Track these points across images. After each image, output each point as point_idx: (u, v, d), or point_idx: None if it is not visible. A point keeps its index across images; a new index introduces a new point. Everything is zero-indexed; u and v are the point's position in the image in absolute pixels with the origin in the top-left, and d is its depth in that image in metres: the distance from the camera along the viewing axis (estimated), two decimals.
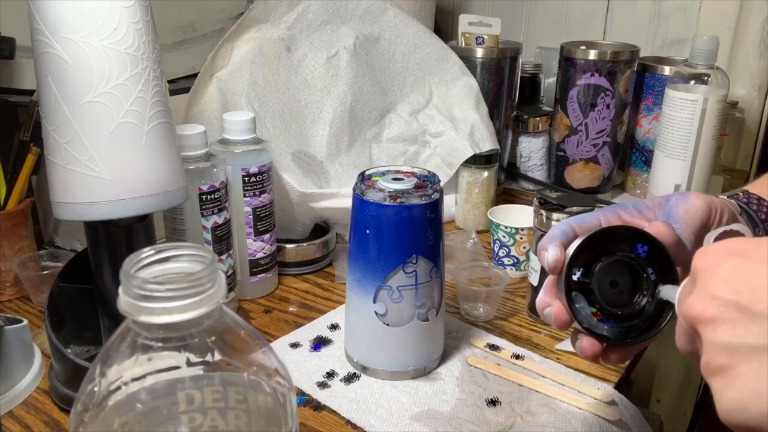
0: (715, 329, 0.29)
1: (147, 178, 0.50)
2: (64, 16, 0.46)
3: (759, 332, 0.27)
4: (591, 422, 0.55)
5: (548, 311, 0.44)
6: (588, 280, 0.42)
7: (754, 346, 0.27)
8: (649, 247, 0.42)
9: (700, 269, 0.31)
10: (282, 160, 0.83)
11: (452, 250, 0.86)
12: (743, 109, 1.23)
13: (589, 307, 0.42)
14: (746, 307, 0.28)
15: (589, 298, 0.42)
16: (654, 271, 0.42)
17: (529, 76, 1.16)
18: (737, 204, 0.48)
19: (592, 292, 0.42)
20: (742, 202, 0.48)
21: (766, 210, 0.48)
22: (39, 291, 0.71)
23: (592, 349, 0.42)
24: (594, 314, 0.42)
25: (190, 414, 0.31)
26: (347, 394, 0.58)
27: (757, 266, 0.29)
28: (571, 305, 0.42)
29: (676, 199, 0.45)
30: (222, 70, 0.84)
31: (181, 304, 0.29)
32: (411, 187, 0.56)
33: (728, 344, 0.28)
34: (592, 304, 0.42)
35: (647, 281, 0.42)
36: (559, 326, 0.43)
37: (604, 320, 0.42)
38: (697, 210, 0.44)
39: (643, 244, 0.42)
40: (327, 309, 0.73)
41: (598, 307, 0.42)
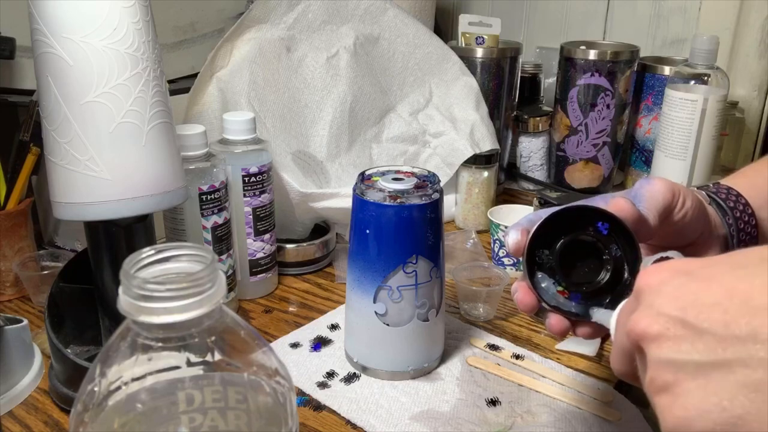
0: (660, 346, 0.29)
1: (147, 178, 0.50)
2: (64, 16, 0.46)
3: (704, 349, 0.27)
4: (591, 422, 0.55)
5: (516, 296, 0.45)
6: (551, 259, 0.44)
7: (699, 363, 0.27)
8: (611, 224, 0.43)
9: (645, 288, 0.31)
10: (282, 160, 0.83)
11: (452, 250, 0.86)
12: (743, 109, 1.23)
13: (555, 286, 0.44)
14: (692, 324, 0.28)
15: (554, 278, 0.44)
16: (618, 247, 0.43)
17: (529, 76, 1.16)
18: (706, 194, 0.49)
19: (556, 272, 0.44)
20: (711, 191, 0.50)
21: (734, 198, 0.49)
22: (39, 291, 0.71)
23: (559, 326, 0.43)
24: (560, 292, 0.44)
25: (190, 414, 0.31)
26: (347, 394, 0.58)
27: (703, 285, 0.28)
28: (536, 286, 0.44)
29: (640, 183, 0.47)
30: (222, 70, 0.84)
31: (181, 304, 0.29)
32: (411, 187, 0.56)
33: (673, 361, 0.28)
34: (558, 283, 0.44)
35: (610, 257, 0.44)
36: (523, 308, 0.45)
37: (571, 297, 0.44)
38: (659, 190, 0.45)
39: (605, 222, 0.43)
40: (327, 309, 0.73)
41: (564, 285, 0.44)
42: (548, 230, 0.44)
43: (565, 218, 0.44)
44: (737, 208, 0.49)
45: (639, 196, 0.46)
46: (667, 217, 0.46)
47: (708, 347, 0.27)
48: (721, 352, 0.27)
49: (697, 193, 0.49)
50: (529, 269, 0.44)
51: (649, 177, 0.47)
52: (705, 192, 0.50)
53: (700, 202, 0.47)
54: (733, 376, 0.26)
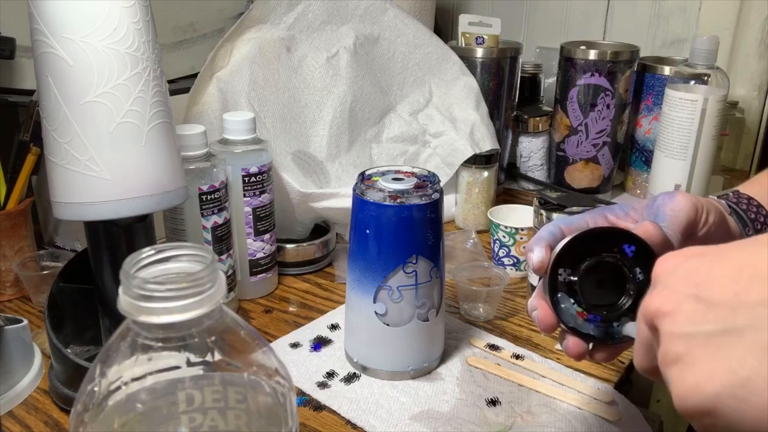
0: (674, 320, 0.29)
1: (147, 178, 0.50)
2: (64, 16, 0.46)
3: (715, 319, 0.28)
4: (591, 422, 0.55)
5: (534, 314, 0.44)
6: (574, 280, 0.43)
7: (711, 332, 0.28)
8: (636, 247, 0.42)
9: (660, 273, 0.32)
10: (282, 160, 0.83)
11: (452, 250, 0.86)
12: (743, 109, 1.23)
13: (575, 306, 0.43)
14: (704, 298, 0.28)
15: (575, 299, 0.43)
16: (642, 270, 0.42)
17: (529, 76, 1.16)
18: (727, 204, 0.48)
19: (578, 293, 0.43)
20: (732, 202, 0.49)
21: (755, 209, 0.48)
22: (39, 291, 0.71)
23: (577, 349, 0.43)
24: (579, 314, 0.43)
25: (190, 414, 0.31)
26: (347, 394, 0.58)
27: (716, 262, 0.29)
28: (556, 306, 0.43)
29: (662, 198, 0.45)
30: (222, 70, 0.84)
31: (181, 304, 0.29)
32: (411, 187, 0.56)
33: (685, 333, 0.29)
34: (579, 304, 0.43)
35: (633, 281, 0.42)
36: (544, 328, 0.44)
37: (590, 320, 0.43)
38: (683, 209, 0.44)
39: (630, 245, 0.42)
40: (327, 309, 0.73)
41: (584, 306, 0.43)
42: (573, 249, 0.43)
43: (591, 238, 0.43)
44: (758, 220, 0.48)
45: (661, 214, 0.44)
46: (690, 236, 0.44)
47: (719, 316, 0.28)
48: (732, 320, 0.27)
49: (717, 204, 0.48)
50: (551, 288, 0.43)
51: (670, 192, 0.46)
52: (726, 202, 0.48)
53: (721, 214, 0.46)
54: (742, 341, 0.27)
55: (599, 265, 0.43)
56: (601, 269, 0.43)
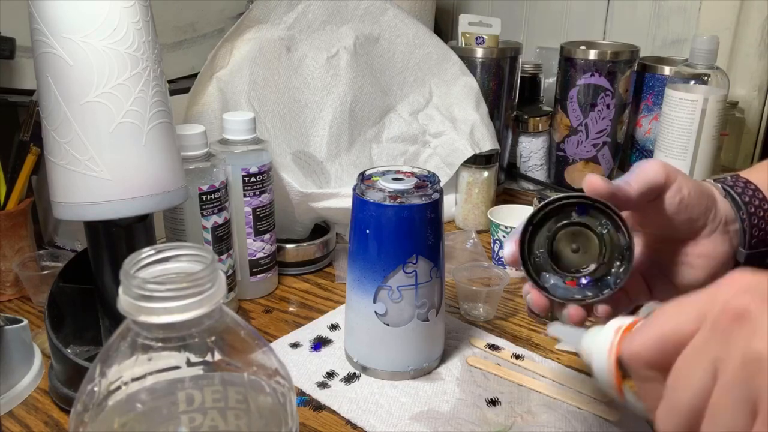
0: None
1: (147, 178, 0.50)
2: (64, 16, 0.46)
3: None
4: (591, 422, 0.55)
5: (528, 298, 0.46)
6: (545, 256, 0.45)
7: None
8: (586, 205, 0.45)
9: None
10: (282, 160, 0.83)
11: (452, 250, 0.86)
12: (743, 109, 1.23)
13: (560, 280, 0.45)
14: None
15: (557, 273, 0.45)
16: (604, 222, 0.45)
17: (529, 76, 1.16)
18: (722, 187, 0.49)
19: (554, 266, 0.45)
20: (728, 185, 0.49)
21: (751, 193, 0.49)
22: (39, 291, 0.71)
23: (577, 314, 0.45)
24: (569, 283, 0.45)
25: (190, 414, 0.31)
26: (347, 394, 0.58)
27: None
28: (544, 287, 0.45)
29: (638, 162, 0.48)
30: (222, 70, 0.84)
31: (181, 304, 0.29)
32: (411, 187, 0.56)
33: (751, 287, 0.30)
34: (562, 276, 0.45)
35: (600, 234, 0.45)
36: (539, 310, 0.46)
37: (582, 285, 0.45)
38: (651, 167, 0.46)
39: (580, 206, 0.45)
40: (327, 309, 0.73)
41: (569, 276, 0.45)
42: (535, 231, 0.45)
43: (546, 215, 0.45)
44: (753, 203, 0.48)
45: (630, 172, 0.47)
46: (657, 198, 0.46)
47: None
48: None
49: (711, 185, 0.49)
50: (533, 273, 0.45)
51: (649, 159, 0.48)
52: (721, 185, 0.49)
53: (702, 193, 0.47)
54: None
55: (564, 235, 0.45)
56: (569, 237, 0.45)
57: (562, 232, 0.45)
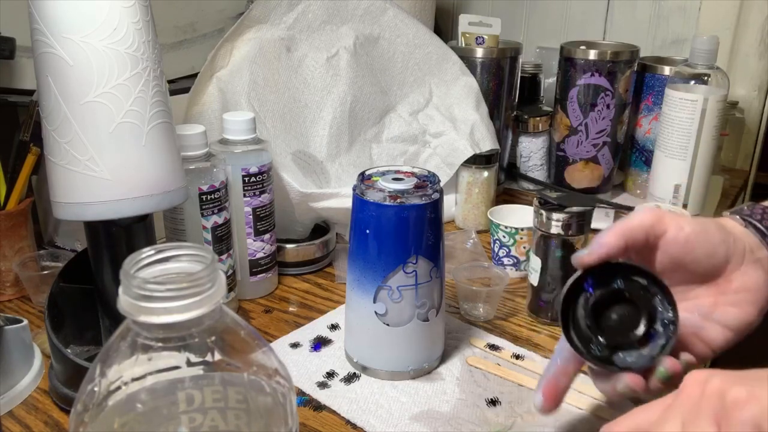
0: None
1: (147, 178, 0.50)
2: (64, 16, 0.46)
3: None
4: (591, 422, 0.55)
5: (622, 389, 0.44)
6: (602, 346, 0.44)
7: None
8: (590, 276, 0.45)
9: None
10: (282, 160, 0.83)
11: (452, 250, 0.86)
12: (743, 109, 1.23)
13: (633, 348, 0.44)
14: None
15: (631, 347, 0.44)
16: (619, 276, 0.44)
17: (529, 76, 1.16)
18: (741, 218, 0.48)
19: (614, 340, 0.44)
20: (746, 214, 0.48)
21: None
22: (39, 291, 0.71)
23: (639, 383, 0.43)
24: (641, 346, 0.44)
25: (190, 414, 0.31)
26: (347, 394, 0.58)
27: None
28: (630, 367, 0.44)
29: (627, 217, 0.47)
30: (222, 70, 0.84)
31: (181, 304, 0.29)
32: (411, 187, 0.56)
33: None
34: (614, 349, 0.44)
35: (640, 300, 0.44)
36: (642, 389, 0.44)
37: (652, 337, 0.44)
38: (637, 216, 0.46)
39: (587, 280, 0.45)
40: (327, 309, 0.73)
41: (635, 343, 0.44)
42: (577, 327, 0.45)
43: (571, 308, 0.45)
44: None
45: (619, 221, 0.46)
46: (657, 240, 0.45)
47: None
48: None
49: (729, 218, 0.48)
50: (615, 364, 0.44)
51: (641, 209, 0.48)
52: (739, 216, 0.48)
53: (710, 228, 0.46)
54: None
55: (596, 313, 0.45)
56: (601, 313, 0.45)
57: (592, 314, 0.44)
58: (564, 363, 0.47)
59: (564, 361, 0.47)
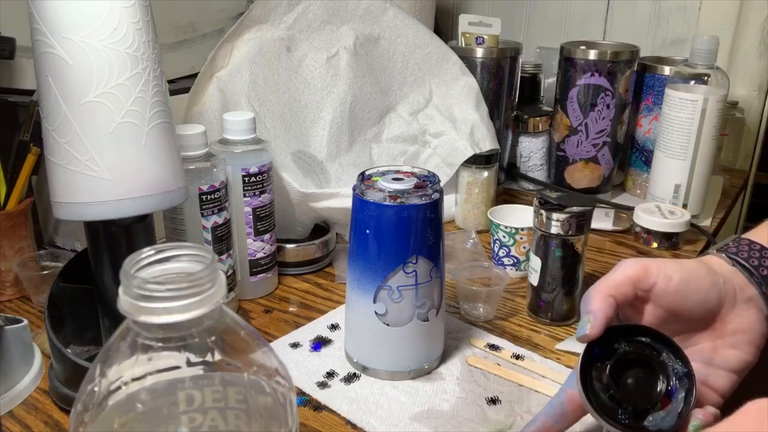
0: None
1: (147, 178, 0.50)
2: (64, 16, 0.46)
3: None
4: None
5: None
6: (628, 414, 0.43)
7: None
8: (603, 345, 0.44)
9: None
10: (282, 160, 0.83)
11: (452, 250, 0.86)
12: (743, 109, 1.23)
13: (657, 410, 0.43)
14: None
15: (656, 409, 0.44)
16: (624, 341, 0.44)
17: (529, 76, 1.16)
18: (727, 256, 0.47)
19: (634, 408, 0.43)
20: (731, 252, 0.48)
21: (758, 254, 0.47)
22: (39, 291, 0.71)
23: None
24: (664, 406, 0.43)
25: (190, 414, 0.31)
26: (347, 394, 0.58)
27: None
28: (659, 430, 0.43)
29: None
30: (222, 70, 0.84)
31: (181, 304, 0.29)
32: (411, 187, 0.56)
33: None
34: (641, 414, 0.43)
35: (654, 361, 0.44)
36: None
37: (672, 394, 0.43)
38: (624, 265, 0.45)
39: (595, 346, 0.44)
40: (327, 309, 0.73)
41: (658, 403, 0.44)
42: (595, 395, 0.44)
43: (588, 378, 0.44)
44: (763, 265, 0.47)
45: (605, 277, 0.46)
46: (649, 292, 0.45)
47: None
48: None
49: (715, 256, 0.48)
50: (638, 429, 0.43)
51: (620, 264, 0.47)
52: (725, 254, 0.48)
53: (699, 273, 0.45)
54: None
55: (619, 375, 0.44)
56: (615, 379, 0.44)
57: (606, 387, 0.44)
58: (552, 422, 0.47)
59: (552, 420, 0.47)
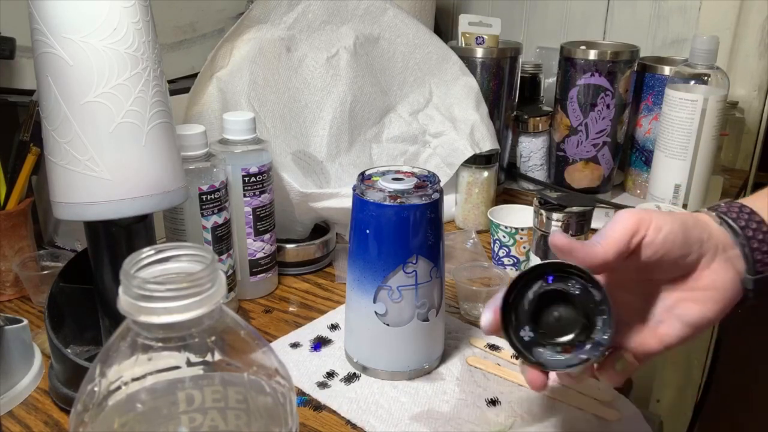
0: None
1: (147, 178, 0.50)
2: (64, 16, 0.46)
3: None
4: (591, 422, 0.55)
5: (525, 375, 0.45)
6: (535, 333, 0.44)
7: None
8: (554, 272, 0.44)
9: None
10: (282, 160, 0.83)
11: (452, 250, 0.86)
12: (743, 109, 1.23)
13: (556, 350, 0.44)
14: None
15: (550, 344, 0.45)
16: (575, 283, 0.44)
17: (529, 76, 1.16)
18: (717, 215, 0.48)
19: (546, 339, 0.44)
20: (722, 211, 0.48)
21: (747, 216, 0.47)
22: (39, 291, 0.71)
23: (592, 374, 0.43)
24: (565, 351, 0.44)
25: (190, 414, 0.31)
26: (347, 394, 0.58)
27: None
28: (541, 362, 0.44)
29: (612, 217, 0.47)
30: (222, 70, 0.84)
31: (181, 304, 0.29)
32: (411, 187, 0.56)
33: None
34: (556, 348, 0.44)
35: (575, 298, 0.44)
36: (535, 388, 0.45)
37: (579, 348, 0.44)
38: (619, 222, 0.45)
39: (548, 274, 0.44)
40: (327, 309, 0.73)
41: (564, 345, 0.44)
42: (512, 309, 0.44)
43: (519, 292, 0.45)
44: (750, 227, 0.47)
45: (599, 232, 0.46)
46: (637, 247, 0.45)
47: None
48: None
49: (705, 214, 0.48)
50: (525, 350, 0.44)
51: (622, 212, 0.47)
52: (715, 213, 0.48)
53: (689, 225, 0.46)
54: None
55: (539, 304, 0.44)
56: (545, 307, 0.45)
57: (537, 303, 0.44)
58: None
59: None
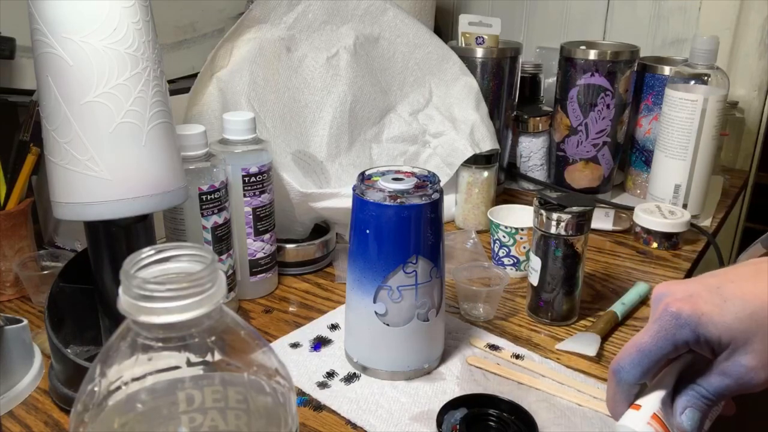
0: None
1: (147, 178, 0.50)
2: (64, 16, 0.46)
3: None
4: (591, 419, 0.55)
5: None
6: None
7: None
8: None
9: None
10: (282, 160, 0.83)
11: (452, 250, 0.86)
12: (743, 109, 1.23)
13: None
14: None
15: None
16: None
17: (529, 76, 1.16)
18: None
19: None
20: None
21: None
22: (39, 291, 0.71)
23: None
24: None
25: (190, 414, 0.31)
26: (347, 394, 0.58)
27: None
28: None
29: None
30: (222, 70, 0.84)
31: (181, 304, 0.29)
32: (411, 187, 0.56)
33: None
34: None
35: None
36: None
37: None
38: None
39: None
40: (327, 309, 0.73)
41: None
42: None
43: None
44: None
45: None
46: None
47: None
48: None
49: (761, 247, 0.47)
50: None
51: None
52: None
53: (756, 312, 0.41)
54: None
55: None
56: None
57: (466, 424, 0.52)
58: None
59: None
